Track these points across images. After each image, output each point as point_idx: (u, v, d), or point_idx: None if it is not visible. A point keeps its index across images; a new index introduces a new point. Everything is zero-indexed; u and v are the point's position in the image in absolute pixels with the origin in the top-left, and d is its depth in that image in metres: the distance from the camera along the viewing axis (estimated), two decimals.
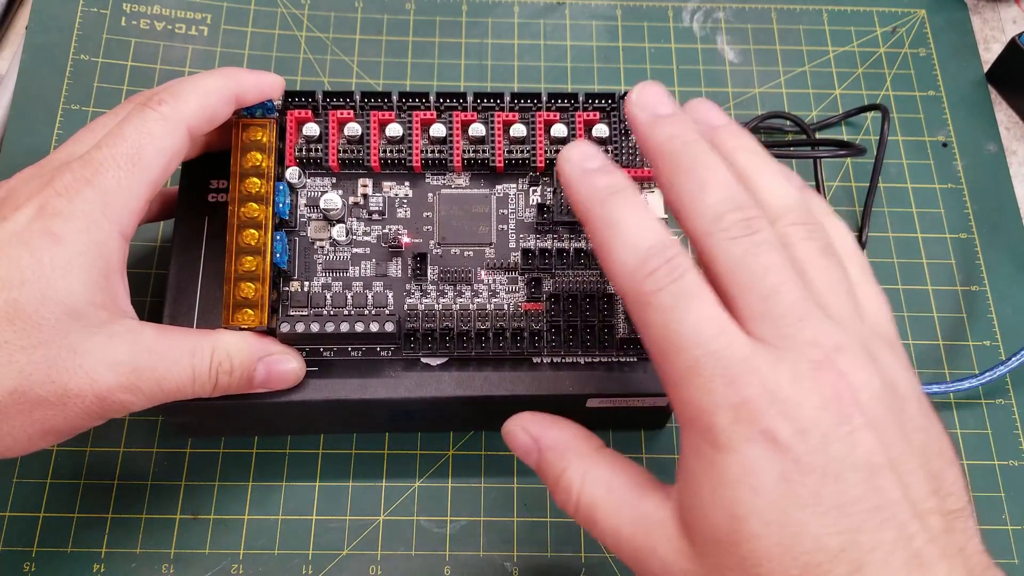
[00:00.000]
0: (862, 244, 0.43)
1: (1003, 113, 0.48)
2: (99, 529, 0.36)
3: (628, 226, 0.25)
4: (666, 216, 0.36)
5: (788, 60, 0.48)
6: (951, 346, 0.42)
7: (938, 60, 0.49)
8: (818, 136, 0.46)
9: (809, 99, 0.47)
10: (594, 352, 0.34)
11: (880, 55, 0.49)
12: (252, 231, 0.33)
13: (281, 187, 0.34)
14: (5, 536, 0.36)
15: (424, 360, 0.34)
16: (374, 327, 0.33)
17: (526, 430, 0.29)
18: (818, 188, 0.43)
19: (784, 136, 0.46)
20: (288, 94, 0.35)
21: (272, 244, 0.33)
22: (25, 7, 0.48)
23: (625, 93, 0.37)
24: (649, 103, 0.28)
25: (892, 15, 0.50)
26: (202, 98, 0.31)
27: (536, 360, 0.34)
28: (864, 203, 0.44)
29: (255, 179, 0.33)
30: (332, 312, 0.34)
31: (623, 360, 0.35)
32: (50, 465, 0.37)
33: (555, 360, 0.35)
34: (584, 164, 0.27)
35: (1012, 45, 0.47)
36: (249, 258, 0.33)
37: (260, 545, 0.36)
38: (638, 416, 0.38)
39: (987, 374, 0.40)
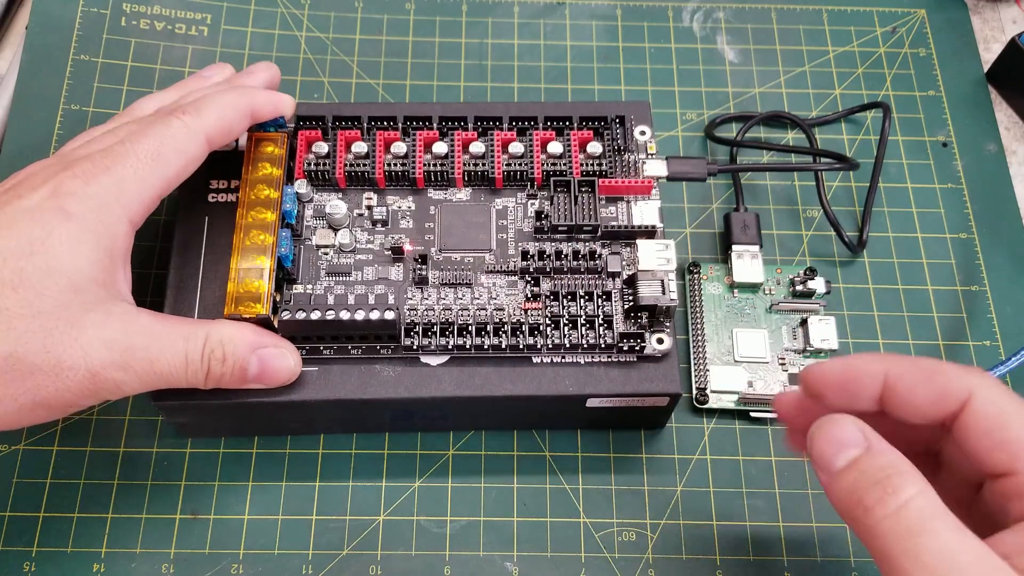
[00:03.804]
0: (862, 244, 0.43)
1: (1003, 113, 0.48)
2: (99, 529, 0.36)
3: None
4: (662, 225, 0.36)
5: (788, 60, 0.48)
6: (951, 346, 0.42)
7: (938, 60, 0.49)
8: (818, 135, 0.46)
9: (809, 99, 0.47)
10: (594, 352, 0.34)
11: (880, 55, 0.49)
12: (258, 232, 0.34)
13: (289, 190, 0.35)
14: (5, 536, 0.36)
15: (424, 360, 0.34)
16: (374, 315, 0.33)
17: (857, 424, 0.26)
18: (818, 189, 0.43)
19: (784, 135, 0.46)
20: (300, 118, 0.37)
21: (278, 240, 0.34)
22: (25, 7, 0.48)
23: (620, 117, 0.38)
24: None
25: (892, 15, 0.50)
26: (221, 111, 0.33)
27: (536, 360, 0.35)
28: (864, 203, 0.44)
29: (264, 186, 0.35)
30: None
31: (623, 360, 0.35)
32: (50, 465, 0.37)
33: (555, 360, 0.35)
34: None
35: (1012, 45, 0.47)
36: (254, 256, 0.33)
37: (260, 545, 0.36)
38: (638, 416, 0.38)
39: None
